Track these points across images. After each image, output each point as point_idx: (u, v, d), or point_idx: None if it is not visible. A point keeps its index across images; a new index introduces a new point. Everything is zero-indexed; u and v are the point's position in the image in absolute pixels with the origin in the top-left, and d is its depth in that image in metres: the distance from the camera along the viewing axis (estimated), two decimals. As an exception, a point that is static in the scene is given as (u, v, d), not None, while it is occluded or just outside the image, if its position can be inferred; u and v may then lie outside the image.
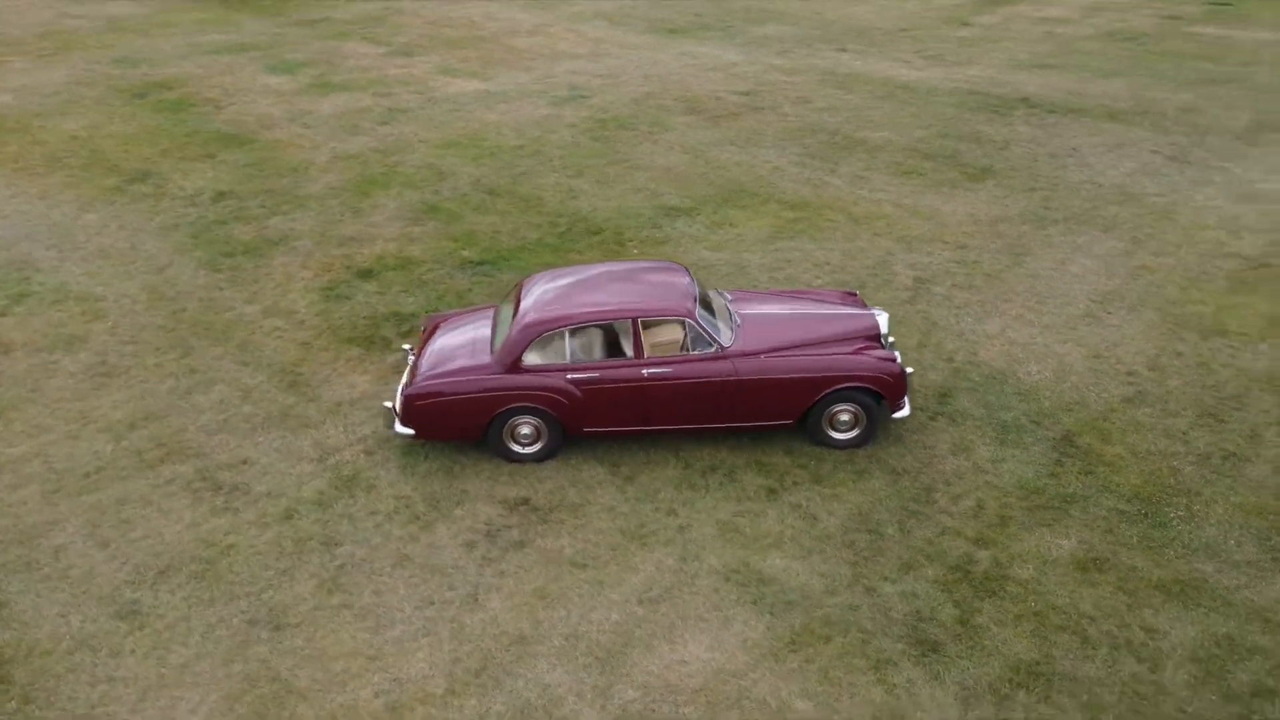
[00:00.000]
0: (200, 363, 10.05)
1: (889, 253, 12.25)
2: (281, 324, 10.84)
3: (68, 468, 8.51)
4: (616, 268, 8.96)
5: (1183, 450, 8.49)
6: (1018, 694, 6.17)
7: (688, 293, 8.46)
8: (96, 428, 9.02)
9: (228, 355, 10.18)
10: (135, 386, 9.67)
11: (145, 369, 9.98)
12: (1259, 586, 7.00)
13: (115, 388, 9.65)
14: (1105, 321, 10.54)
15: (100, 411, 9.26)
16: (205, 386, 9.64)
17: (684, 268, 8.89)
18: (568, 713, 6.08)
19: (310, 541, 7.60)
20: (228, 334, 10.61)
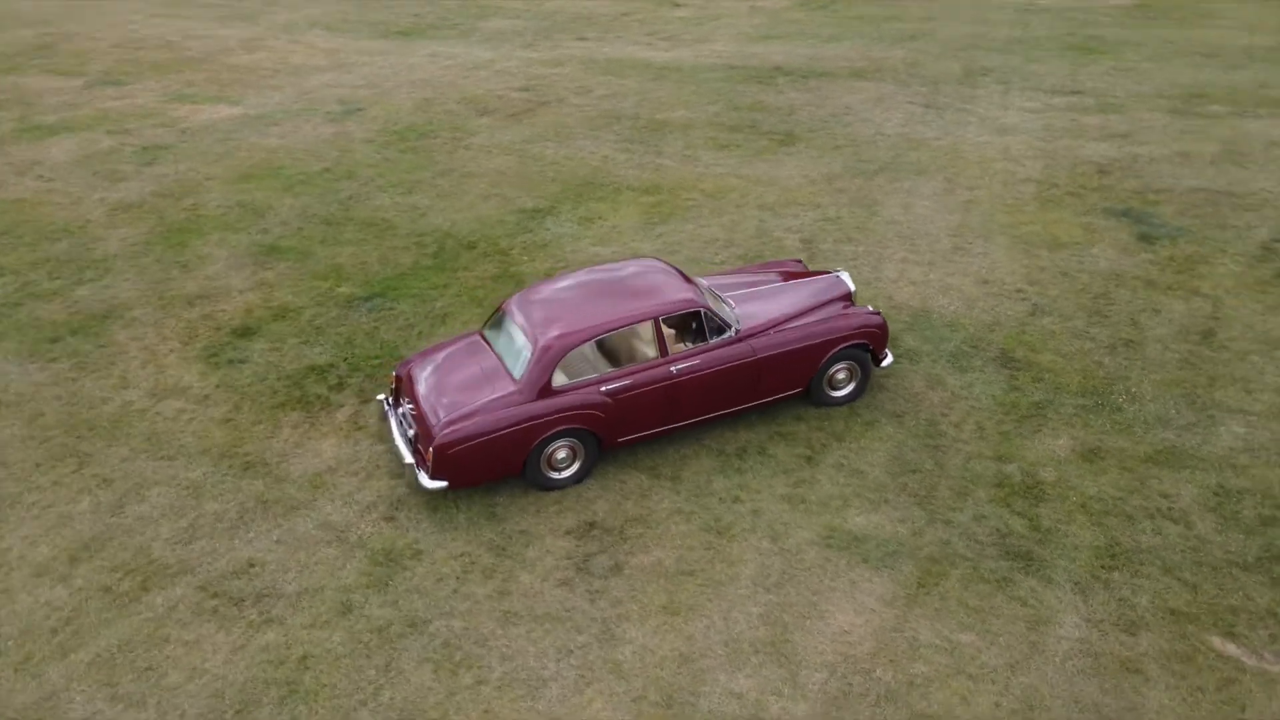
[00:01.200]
0: (109, 470, 8.42)
1: (761, 221, 12.94)
2: (182, 404, 9.32)
3: (24, 629, 6.83)
4: (600, 273, 8.74)
5: (1092, 346, 9.98)
6: (1113, 575, 7.08)
7: (689, 284, 8.50)
8: (26, 574, 7.30)
9: (140, 453, 8.61)
10: (43, 515, 7.91)
11: (41, 492, 8.17)
12: (1212, 440, 8.51)
13: (14, 523, 7.82)
14: (971, 251, 11.98)
15: (15, 554, 7.48)
16: (137, 494, 8.11)
17: (662, 260, 8.89)
18: (777, 713, 6.07)
19: (392, 628, 6.77)
20: (122, 429, 8.95)
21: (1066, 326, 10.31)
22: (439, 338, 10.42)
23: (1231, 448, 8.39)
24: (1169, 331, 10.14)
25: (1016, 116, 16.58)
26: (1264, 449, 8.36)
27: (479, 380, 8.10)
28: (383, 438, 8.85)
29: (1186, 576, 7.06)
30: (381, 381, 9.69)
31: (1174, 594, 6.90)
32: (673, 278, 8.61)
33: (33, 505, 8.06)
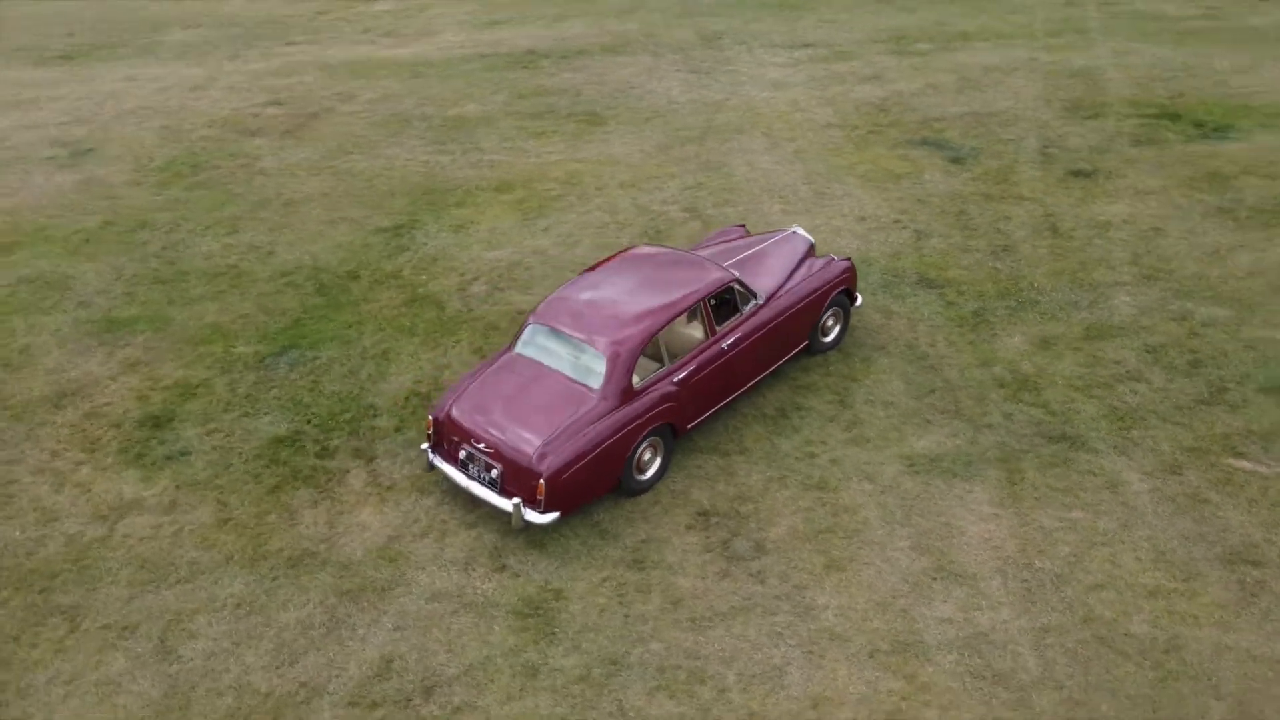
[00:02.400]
0: (118, 615, 6.83)
1: (634, 199, 13.07)
2: (149, 519, 7.71)
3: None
4: (616, 271, 8.57)
5: (981, 256, 11.43)
6: (1132, 433, 8.39)
7: (711, 262, 8.54)
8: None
9: (142, 586, 7.05)
10: (76, 694, 6.21)
11: (49, 667, 6.40)
12: (1115, 311, 10.23)
13: (46, 715, 6.05)
14: (833, 195, 13.04)
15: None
16: (180, 631, 6.65)
17: (651, 245, 8.86)
18: (990, 623, 6.56)
19: (594, 673, 6.30)
20: (93, 567, 7.26)
21: (951, 244, 11.72)
22: (396, 379, 9.53)
23: (1131, 313, 10.18)
24: (1026, 233, 11.91)
25: (778, 72, 18.04)
26: (1152, 308, 10.25)
27: (550, 400, 7.64)
28: (424, 491, 8.01)
29: (1178, 419, 8.59)
30: (369, 438, 8.69)
31: (1181, 435, 8.39)
32: (688, 258, 8.65)
33: (51, 685, 6.33)
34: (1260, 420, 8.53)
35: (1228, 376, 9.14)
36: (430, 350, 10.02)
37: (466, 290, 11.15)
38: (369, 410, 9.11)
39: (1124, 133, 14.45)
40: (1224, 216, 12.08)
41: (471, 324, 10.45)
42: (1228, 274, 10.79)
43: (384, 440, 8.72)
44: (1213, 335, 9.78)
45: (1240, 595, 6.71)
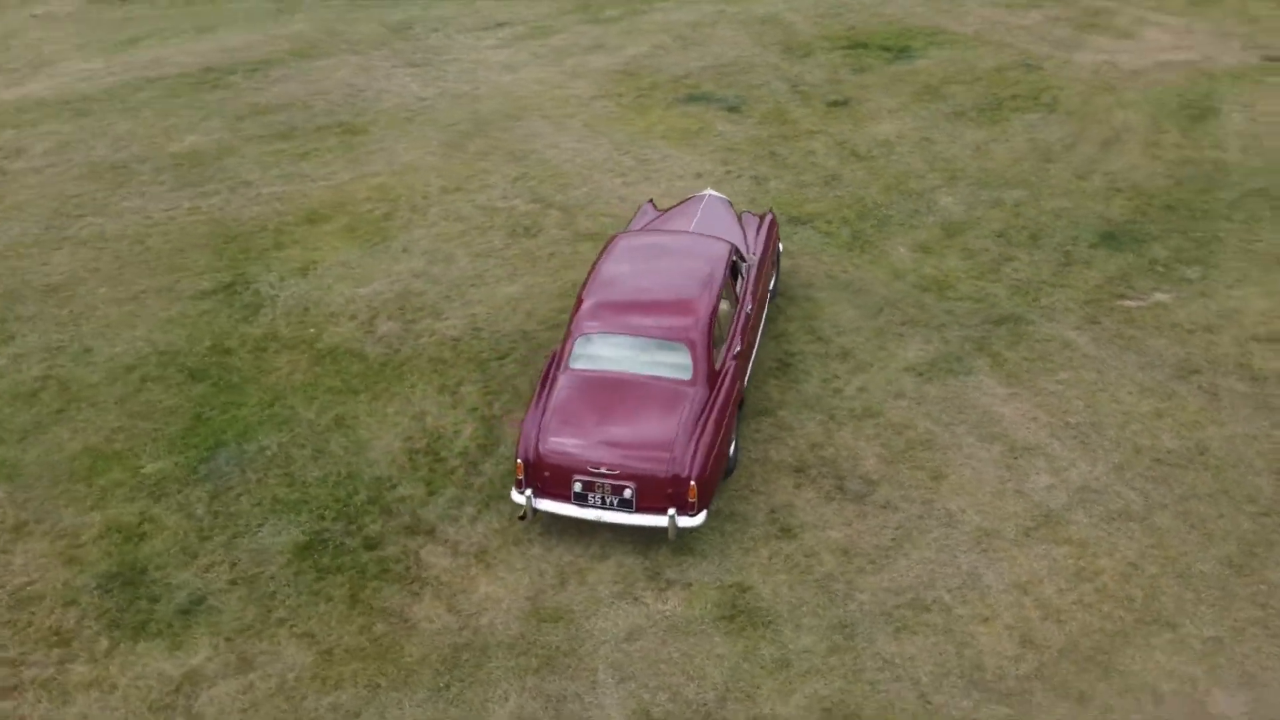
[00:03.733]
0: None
1: (473, 201, 12.38)
2: (232, 687, 6.18)
3: None
4: (625, 261, 8.37)
5: (820, 189, 12.51)
6: (1054, 299, 9.98)
7: (704, 234, 8.61)
8: None
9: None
10: None
11: None
12: (946, 210, 11.91)
13: None
14: (654, 160, 13.38)
15: None
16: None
17: (637, 230, 8.76)
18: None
19: (837, 641, 6.30)
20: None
21: (787, 183, 12.74)
22: (379, 443, 8.46)
23: (961, 209, 11.94)
24: (836, 161, 13.29)
25: (500, 54, 17.75)
26: (971, 202, 12.10)
27: (649, 404, 7.38)
28: (523, 542, 7.31)
29: (1060, 283, 10.39)
30: (409, 513, 7.66)
31: (1072, 294, 10.18)
32: (684, 236, 8.72)
33: None
34: (1107, 266, 10.64)
35: (1062, 241, 11.21)
36: (389, 403, 8.93)
37: (374, 332, 9.99)
38: (381, 484, 7.98)
39: (839, 64, 16.46)
40: (961, 119, 14.42)
41: (412, 365, 9.45)
42: (999, 163, 13.02)
43: (427, 508, 7.74)
44: (1028, 212, 11.85)
45: (1208, 398, 8.55)
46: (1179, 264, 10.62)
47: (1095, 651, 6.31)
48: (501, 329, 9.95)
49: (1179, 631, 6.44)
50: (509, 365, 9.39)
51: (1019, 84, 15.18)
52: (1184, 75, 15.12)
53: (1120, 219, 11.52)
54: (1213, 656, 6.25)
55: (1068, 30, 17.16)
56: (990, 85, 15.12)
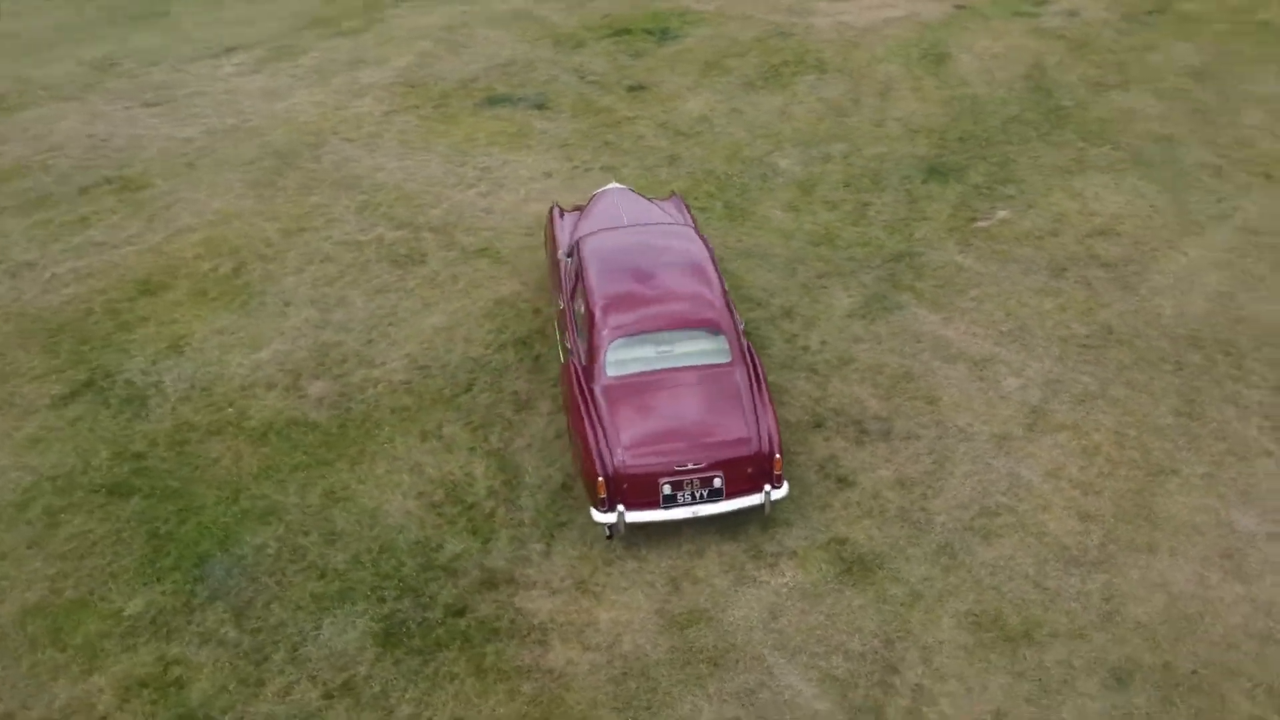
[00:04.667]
0: None
1: (331, 238, 11.34)
2: None
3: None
4: (615, 264, 8.23)
5: (670, 169, 12.92)
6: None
7: (669, 222, 8.71)
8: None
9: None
10: None
11: None
12: (789, 170, 12.82)
13: None
14: (499, 167, 13.01)
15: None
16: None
17: (610, 229, 8.78)
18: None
19: (960, 560, 6.81)
20: None
21: (639, 168, 12.98)
22: (393, 508, 7.78)
23: (798, 169, 12.91)
24: (668, 141, 13.72)
25: (253, 81, 16.16)
26: (803, 159, 13.12)
27: (705, 392, 7.46)
28: (612, 559, 7.14)
29: (920, 218, 11.65)
30: (477, 568, 7.11)
31: (934, 226, 11.46)
32: (654, 229, 8.81)
33: None
34: (946, 196, 12.09)
35: (899, 181, 12.53)
36: (374, 464, 8.13)
37: (307, 396, 8.98)
38: (424, 547, 7.30)
39: (614, 51, 16.92)
40: (754, 89, 15.46)
41: (374, 420, 8.64)
42: (805, 123, 14.20)
43: (491, 557, 7.22)
44: (857, 161, 13.07)
45: (1086, 287, 10.11)
46: (996, 184, 12.35)
47: (1136, 509, 7.43)
48: (449, 362, 9.36)
49: (1181, 475, 7.75)
50: (481, 396, 8.90)
51: (783, 50, 16.53)
52: (907, 28, 17.29)
53: (931, 155, 13.10)
54: (1215, 487, 7.61)
55: (797, 2, 18.90)
56: (761, 55, 16.32)
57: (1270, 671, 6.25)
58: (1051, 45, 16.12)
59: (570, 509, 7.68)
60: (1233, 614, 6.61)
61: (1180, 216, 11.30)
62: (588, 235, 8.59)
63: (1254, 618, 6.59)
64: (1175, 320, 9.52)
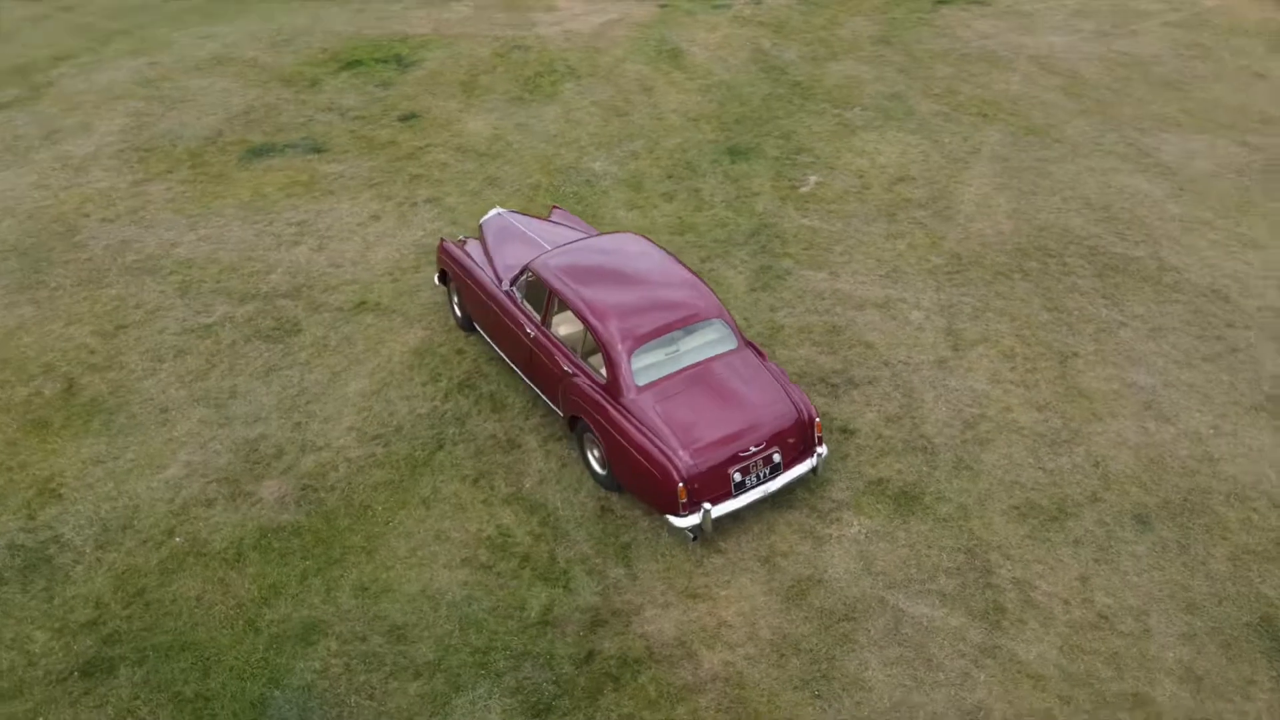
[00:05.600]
0: None
1: (166, 329, 9.79)
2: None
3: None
4: (599, 281, 8.18)
5: (521, 187, 12.63)
6: (764, 198, 12.03)
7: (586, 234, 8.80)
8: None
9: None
10: None
11: None
12: (606, 172, 13.15)
13: None
14: (336, 214, 11.91)
15: None
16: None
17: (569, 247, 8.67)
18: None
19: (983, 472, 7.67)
20: None
21: (466, 196, 12.58)
22: (429, 585, 7.18)
23: (615, 168, 13.31)
24: (473, 165, 13.43)
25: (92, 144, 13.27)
26: (616, 160, 13.53)
27: (733, 378, 7.72)
28: (701, 561, 7.03)
29: (751, 190, 12.53)
30: (576, 613, 6.69)
31: (769, 200, 12.41)
32: (599, 234, 8.69)
33: None
34: (757, 171, 13.14)
35: (710, 165, 13.36)
36: (391, 545, 7.39)
37: (262, 499, 7.82)
38: (509, 612, 6.81)
39: (358, 85, 16.00)
40: (525, 103, 15.47)
41: (360, 502, 7.84)
42: (593, 126, 14.56)
43: (584, 596, 6.87)
44: (662, 153, 13.74)
45: (921, 226, 11.59)
46: (792, 154, 13.65)
47: (1068, 391, 8.86)
48: (401, 424, 8.63)
49: (1080, 355, 9.32)
50: (458, 449, 8.34)
51: (529, 63, 16.76)
52: (629, 29, 18.29)
53: (721, 139, 14.12)
54: (1107, 358, 9.27)
55: (504, 14, 19.11)
56: (510, 69, 16.42)
57: (1229, 481, 7.89)
58: (758, 31, 17.94)
59: (624, 527, 7.58)
60: (1178, 448, 8.23)
61: (947, 157, 13.33)
62: (542, 258, 8.38)
63: (1193, 446, 8.26)
64: (998, 239, 11.33)
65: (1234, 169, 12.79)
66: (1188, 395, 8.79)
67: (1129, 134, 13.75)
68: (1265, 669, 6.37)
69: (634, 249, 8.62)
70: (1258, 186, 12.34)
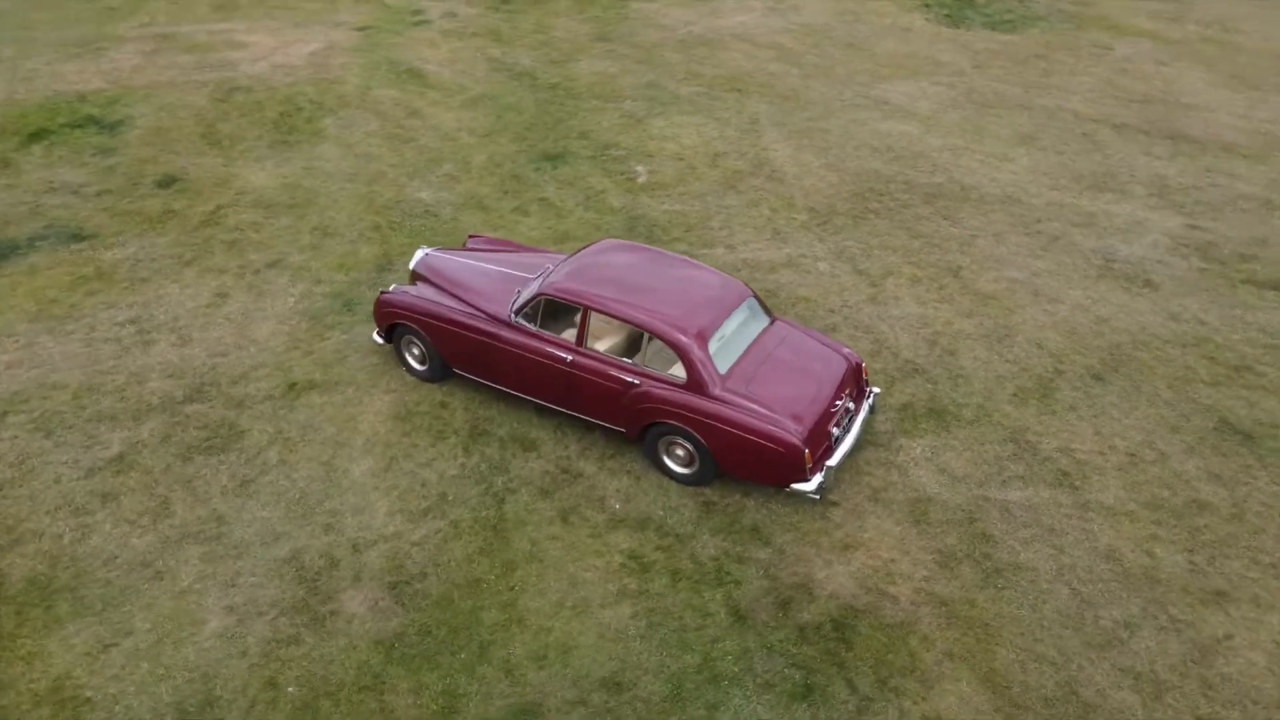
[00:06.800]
0: None
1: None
2: None
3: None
4: (618, 280, 8.10)
5: (370, 220, 11.45)
6: (611, 198, 12.26)
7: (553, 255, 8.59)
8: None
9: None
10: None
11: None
12: (435, 199, 12.54)
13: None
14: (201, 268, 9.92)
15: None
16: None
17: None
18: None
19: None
20: None
21: (308, 249, 11.30)
22: (579, 645, 6.91)
23: (441, 193, 12.74)
24: (290, 220, 12.06)
25: None
26: (432, 186, 12.91)
27: (782, 346, 8.18)
28: (822, 516, 7.37)
29: (596, 187, 12.66)
30: (736, 653, 6.68)
31: (617, 193, 12.63)
32: (586, 247, 8.50)
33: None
34: (588, 170, 13.31)
35: (538, 175, 13.27)
36: (531, 605, 6.84)
37: (353, 614, 6.73)
38: (692, 620, 6.57)
39: (66, 156, 13.57)
40: (285, 147, 14.06)
41: (465, 575, 7.13)
42: (390, 159, 13.72)
43: (755, 584, 6.81)
44: (469, 180, 13.33)
45: (779, 183, 12.57)
46: (603, 150, 13.97)
47: (982, 297, 10.41)
48: (444, 491, 7.86)
49: (965, 266, 10.96)
50: (525, 494, 7.80)
51: (265, 103, 15.23)
52: (346, 56, 17.23)
53: (525, 148, 14.04)
54: (985, 266, 11.00)
55: (187, 57, 17.05)
56: (246, 112, 14.83)
57: (1126, 333, 9.85)
58: (479, 42, 17.91)
59: (736, 514, 7.71)
60: (1077, 318, 10.11)
61: (737, 130, 14.54)
62: (555, 281, 8.02)
63: (1085, 315, 10.18)
64: (832, 190, 12.74)
65: (948, 104, 15.51)
66: (1054, 279, 10.81)
67: (858, 89, 16.02)
68: (1249, 456, 8.31)
69: (629, 253, 8.60)
70: (973, 115, 15.12)
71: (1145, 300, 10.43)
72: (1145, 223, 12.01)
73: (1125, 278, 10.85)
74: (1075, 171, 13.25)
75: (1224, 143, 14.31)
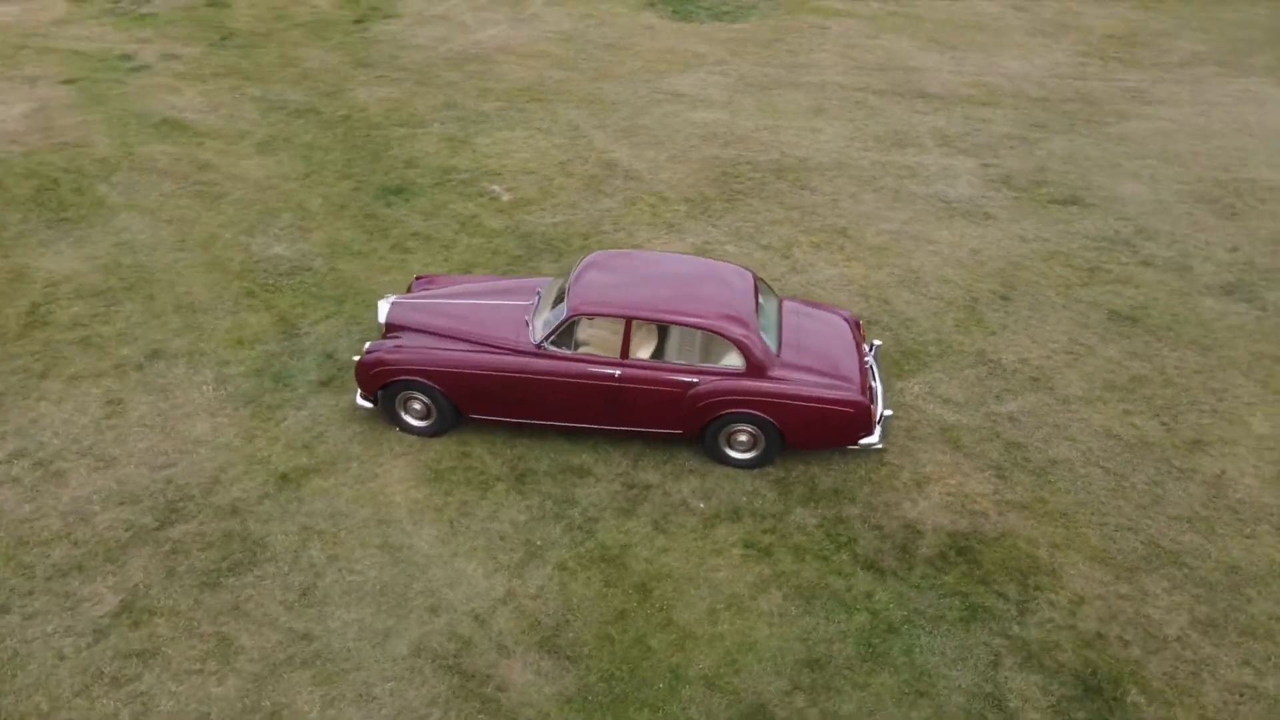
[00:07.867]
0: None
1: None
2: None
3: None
4: (647, 294, 8.05)
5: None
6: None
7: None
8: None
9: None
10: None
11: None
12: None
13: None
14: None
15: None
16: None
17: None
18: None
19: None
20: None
21: (190, 324, 9.63)
22: (751, 640, 6.86)
23: (294, 249, 11.49)
24: (131, 302, 10.24)
25: None
26: (292, 234, 11.63)
27: (809, 323, 8.68)
28: (885, 464, 7.92)
29: (454, 212, 12.12)
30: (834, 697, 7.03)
31: (467, 211, 12.16)
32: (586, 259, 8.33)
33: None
34: (447, 200, 12.68)
35: (394, 210, 12.38)
36: (691, 644, 6.62)
37: (510, 680, 6.12)
38: (857, 606, 6.71)
39: None
40: (70, 225, 11.92)
41: (603, 627, 6.66)
42: (211, 220, 12.20)
43: (857, 540, 7.15)
44: (323, 225, 12.20)
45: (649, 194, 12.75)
46: (446, 175, 13.34)
47: (878, 246, 11.43)
48: (527, 539, 7.32)
49: (851, 220, 11.97)
50: (611, 518, 7.54)
51: (15, 178, 12.74)
52: (76, 114, 14.92)
53: (358, 186, 13.07)
54: (867, 213, 12.07)
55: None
56: (10, 194, 12.39)
57: (1001, 258, 11.39)
58: (226, 82, 16.26)
59: (809, 483, 8.11)
60: (959, 252, 11.55)
61: (564, 137, 14.55)
62: (582, 299, 7.72)
63: (964, 248, 11.63)
64: (678, 179, 13.25)
65: (734, 90, 16.67)
66: (919, 224, 12.21)
67: (648, 86, 16.70)
68: (1145, 334, 10.08)
69: (627, 260, 8.56)
70: (761, 97, 16.39)
71: (995, 229, 12.18)
72: (951, 168, 13.92)
73: (968, 214, 12.57)
74: (873, 134, 14.96)
75: (960, 96, 16.83)
